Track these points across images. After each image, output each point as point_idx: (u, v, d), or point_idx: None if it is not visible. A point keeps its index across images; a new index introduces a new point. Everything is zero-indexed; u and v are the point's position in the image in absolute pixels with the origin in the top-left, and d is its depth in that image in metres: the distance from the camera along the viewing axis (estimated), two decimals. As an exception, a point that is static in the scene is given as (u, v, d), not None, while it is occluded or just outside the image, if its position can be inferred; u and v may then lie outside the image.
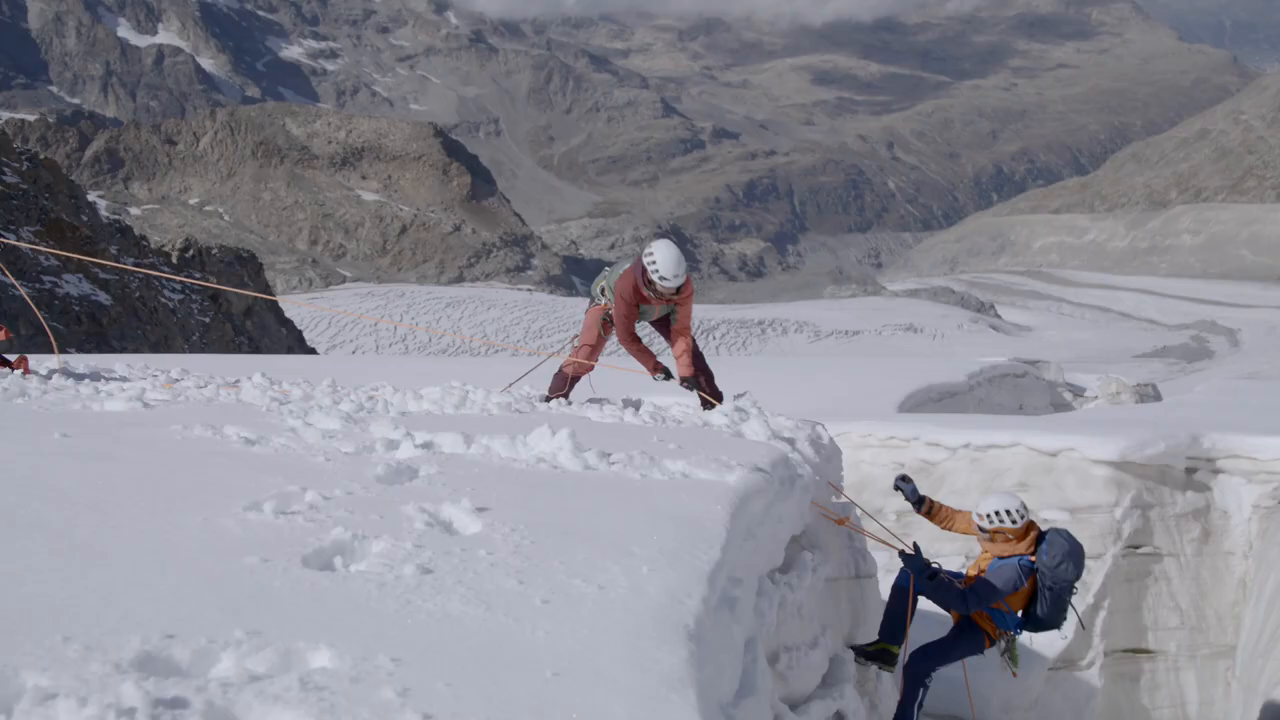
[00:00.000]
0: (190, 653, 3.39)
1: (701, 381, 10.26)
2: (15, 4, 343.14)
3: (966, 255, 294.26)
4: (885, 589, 9.80)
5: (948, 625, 9.69)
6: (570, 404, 10.08)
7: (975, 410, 26.06)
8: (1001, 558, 9.18)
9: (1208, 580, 15.58)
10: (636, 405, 9.83)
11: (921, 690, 9.38)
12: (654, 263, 9.71)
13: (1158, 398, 40.97)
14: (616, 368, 11.53)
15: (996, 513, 9.16)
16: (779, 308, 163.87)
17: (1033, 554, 9.16)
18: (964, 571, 9.60)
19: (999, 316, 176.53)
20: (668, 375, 10.22)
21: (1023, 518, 9.18)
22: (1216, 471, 15.95)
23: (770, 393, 10.40)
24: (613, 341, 10.53)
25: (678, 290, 9.94)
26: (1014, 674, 9.73)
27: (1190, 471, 15.97)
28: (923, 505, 9.77)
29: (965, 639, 9.39)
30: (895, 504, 14.32)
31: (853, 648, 9.18)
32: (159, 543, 4.42)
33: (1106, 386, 40.31)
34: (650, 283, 9.80)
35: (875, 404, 21.25)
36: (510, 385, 11.22)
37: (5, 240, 11.63)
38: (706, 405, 10.11)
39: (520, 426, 7.51)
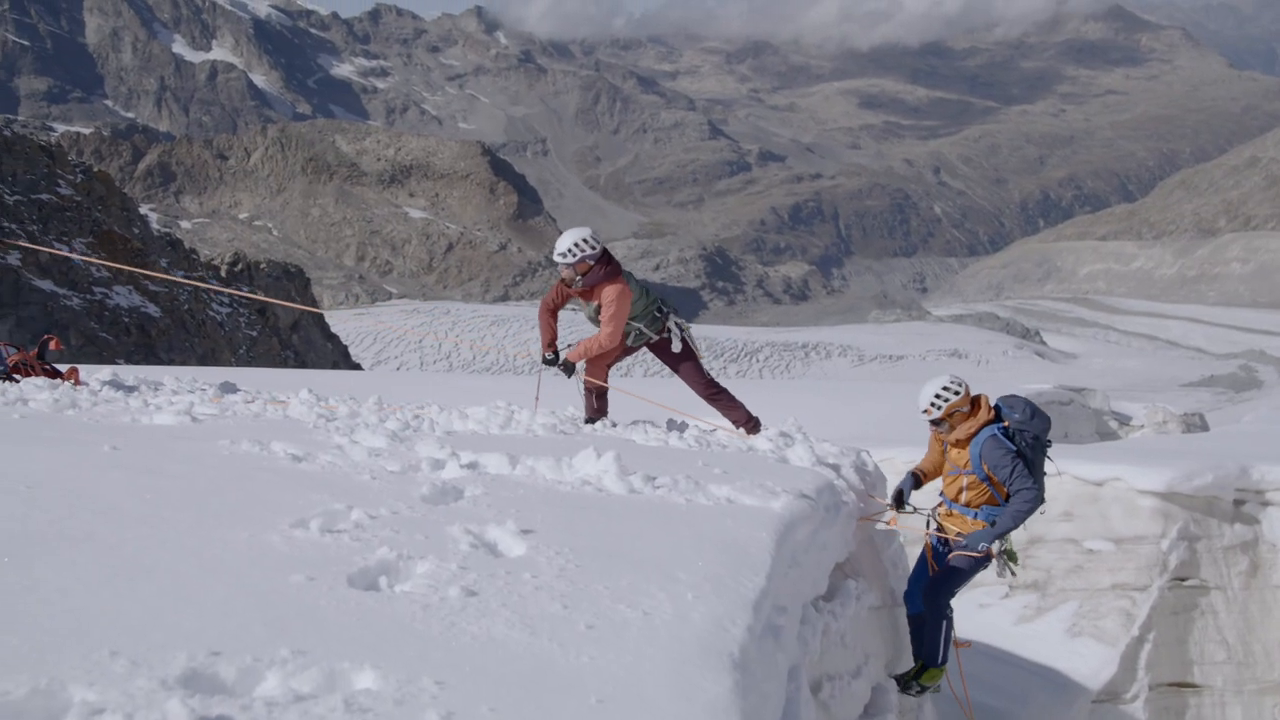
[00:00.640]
0: (235, 670, 3.39)
1: (572, 367, 10.18)
2: (73, 19, 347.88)
3: (1012, 281, 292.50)
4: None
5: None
6: (614, 425, 10.05)
7: (1020, 438, 25.85)
8: (966, 442, 8.83)
9: (1255, 614, 15.37)
10: (682, 428, 9.79)
11: (945, 623, 9.16)
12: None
13: (1205, 428, 40.51)
14: (636, 396, 11.50)
15: (938, 395, 8.85)
16: (823, 331, 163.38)
17: (996, 420, 8.80)
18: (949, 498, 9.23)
19: (1044, 343, 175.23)
20: (553, 360, 10.19)
21: (961, 385, 8.88)
22: (1265, 504, 15.75)
23: (814, 417, 10.35)
24: (651, 364, 10.47)
25: (585, 278, 9.83)
26: (1014, 573, 9.26)
27: (1238, 503, 15.78)
28: (913, 482, 9.38)
29: (968, 559, 9.11)
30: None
31: (898, 679, 9.09)
32: (206, 558, 4.44)
33: (1153, 415, 39.89)
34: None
35: (919, 430, 21.11)
36: (536, 399, 11.11)
37: (60, 252, 11.78)
38: (746, 429, 10.05)
39: (565, 448, 7.49)
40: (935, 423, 8.96)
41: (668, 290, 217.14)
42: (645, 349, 10.38)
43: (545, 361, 10.21)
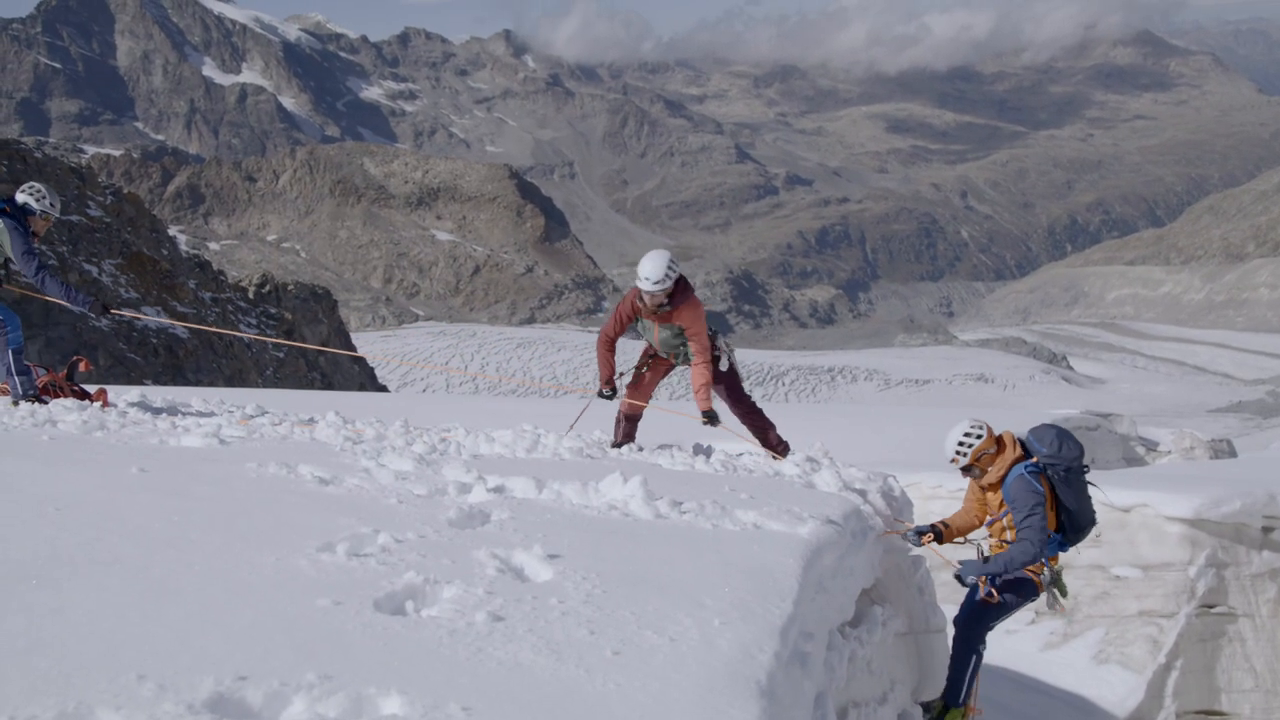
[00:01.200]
0: (262, 695, 3.40)
1: (717, 416, 9.92)
2: (105, 42, 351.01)
3: (1039, 306, 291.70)
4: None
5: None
6: (640, 449, 10.02)
7: (1048, 464, 25.75)
8: (998, 485, 8.77)
9: (1284, 642, 15.26)
10: (708, 453, 9.76)
11: (974, 658, 9.06)
12: (639, 268, 9.54)
13: (1233, 454, 40.30)
14: (672, 412, 11.48)
15: (961, 442, 8.77)
16: (849, 355, 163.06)
17: (1025, 457, 8.69)
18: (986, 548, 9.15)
19: (1071, 368, 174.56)
20: (611, 395, 9.99)
21: (983, 428, 8.78)
22: (1294, 532, 15.64)
23: (840, 441, 10.32)
24: (676, 386, 10.42)
25: (670, 303, 9.65)
26: (1061, 608, 9.15)
27: (1267, 530, 15.67)
28: (937, 534, 9.16)
29: (1011, 587, 9.01)
30: (962, 552, 14.11)
31: (923, 705, 9.02)
32: (233, 581, 4.45)
33: (1180, 441, 39.71)
34: (641, 293, 9.62)
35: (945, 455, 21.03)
36: (570, 429, 11.11)
37: (120, 313, 11.76)
38: (774, 451, 10.02)
39: (592, 473, 7.49)
40: (965, 469, 8.91)
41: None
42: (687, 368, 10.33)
43: (602, 396, 10.03)
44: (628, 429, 10.48)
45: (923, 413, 47.05)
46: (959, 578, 8.68)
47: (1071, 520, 8.79)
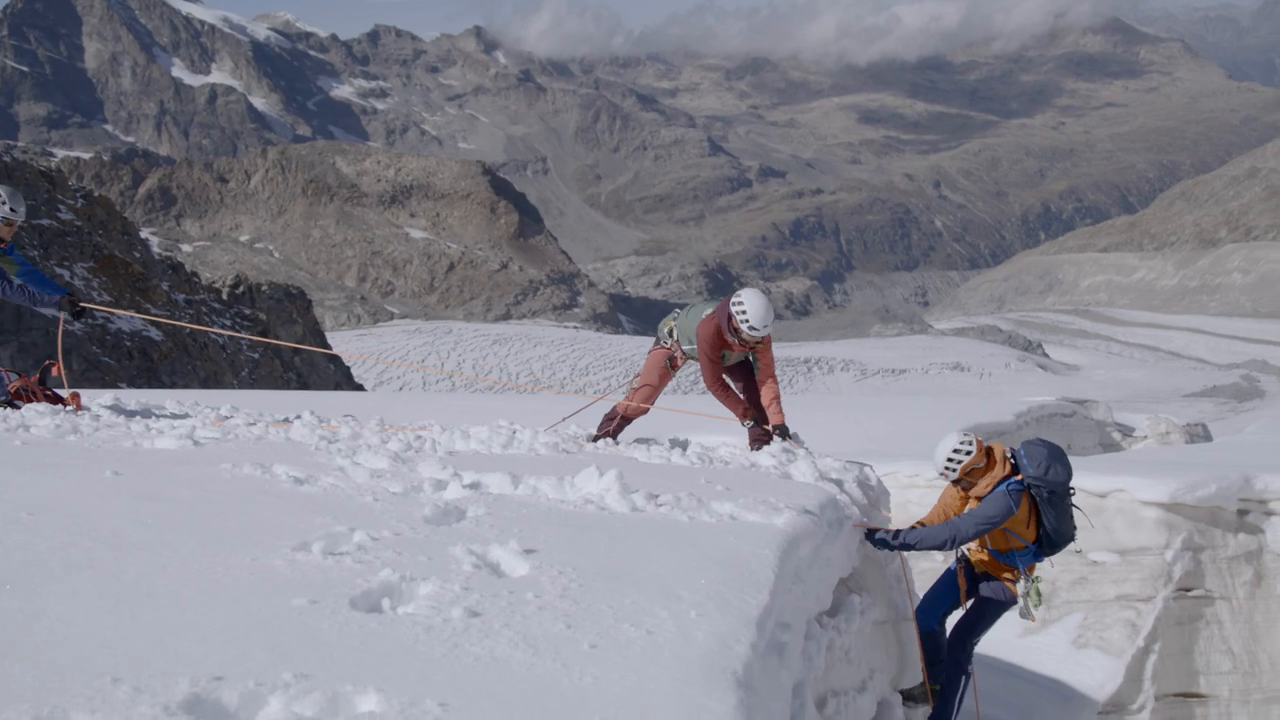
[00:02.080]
0: (238, 695, 3.39)
1: (789, 431, 10.04)
2: (72, 45, 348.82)
3: (1014, 294, 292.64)
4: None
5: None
6: (618, 444, 10.03)
7: (1024, 451, 25.82)
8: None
9: (1261, 624, 15.35)
10: (684, 445, 9.78)
11: (964, 679, 9.11)
12: (744, 312, 9.57)
13: (1208, 438, 40.52)
14: (678, 411, 11.48)
15: (950, 458, 8.85)
16: (825, 346, 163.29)
17: (1014, 474, 8.77)
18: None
19: (1047, 355, 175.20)
20: (758, 421, 10.03)
21: (973, 442, 8.83)
22: (1269, 513, 15.74)
23: (816, 432, 10.34)
24: (683, 381, 10.45)
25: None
26: (1033, 618, 9.21)
27: (1242, 513, 15.77)
28: (904, 535, 9.31)
29: (994, 590, 9.02)
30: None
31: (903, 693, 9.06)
32: (208, 583, 4.43)
33: (1156, 426, 39.91)
34: (736, 330, 9.68)
35: (922, 443, 21.14)
36: (556, 425, 11.16)
37: (91, 307, 11.68)
38: (756, 444, 10.03)
39: (568, 467, 7.49)
40: (955, 483, 8.97)
41: (670, 308, 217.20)
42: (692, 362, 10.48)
43: (753, 425, 10.07)
44: (619, 426, 10.51)
45: (900, 402, 47.16)
46: (873, 541, 8.59)
47: (1049, 537, 8.85)
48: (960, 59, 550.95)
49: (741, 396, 10.24)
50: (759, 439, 9.94)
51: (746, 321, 9.57)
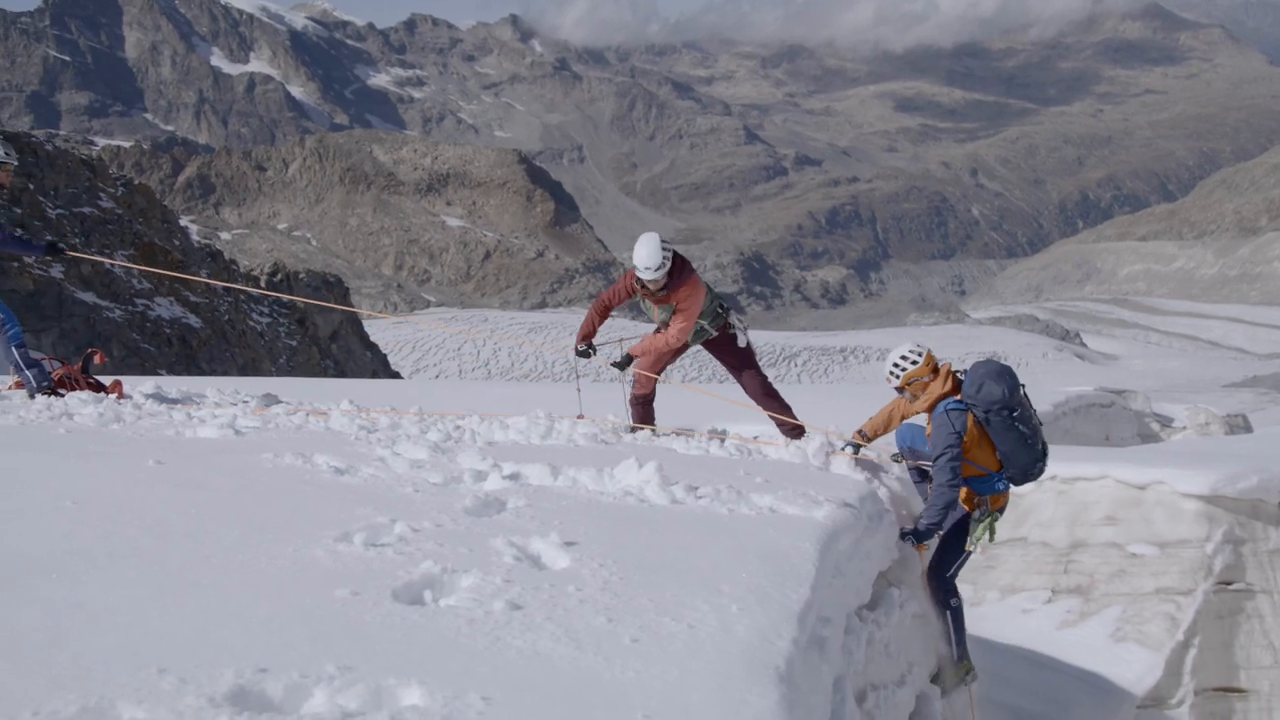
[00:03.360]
0: (283, 687, 3.40)
1: (626, 365, 9.98)
2: (113, 34, 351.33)
3: (1051, 283, 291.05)
4: (969, 622, 9.54)
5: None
6: (657, 434, 9.99)
7: (1061, 441, 25.68)
8: (931, 411, 8.68)
9: (1302, 618, 15.21)
10: (722, 437, 9.75)
11: (950, 613, 8.96)
12: (634, 254, 9.46)
13: (1249, 429, 40.21)
14: (701, 391, 11.45)
15: (896, 364, 8.71)
16: (861, 335, 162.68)
17: (956, 394, 8.56)
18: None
19: (1084, 345, 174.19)
20: (585, 353, 9.91)
21: (921, 354, 8.69)
22: (1312, 506, 15.57)
23: (853, 422, 10.26)
24: (689, 369, 10.32)
25: (666, 288, 9.57)
26: (979, 549, 8.91)
27: (1284, 506, 15.61)
28: (862, 437, 9.12)
29: (954, 529, 8.91)
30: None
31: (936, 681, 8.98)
32: (251, 573, 4.45)
33: (1195, 417, 39.63)
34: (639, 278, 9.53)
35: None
36: (581, 413, 11.02)
37: (72, 254, 11.79)
38: (791, 434, 9.99)
39: (607, 458, 7.47)
40: (898, 390, 8.86)
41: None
42: (703, 349, 10.29)
43: (579, 353, 9.98)
44: (644, 412, 10.44)
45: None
46: (903, 539, 8.55)
47: (1007, 460, 8.60)
48: (998, 46, 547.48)
49: (742, 387, 10.24)
50: (789, 431, 9.92)
51: (635, 264, 9.42)
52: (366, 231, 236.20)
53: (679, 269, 9.61)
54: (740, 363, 10.17)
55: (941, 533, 8.72)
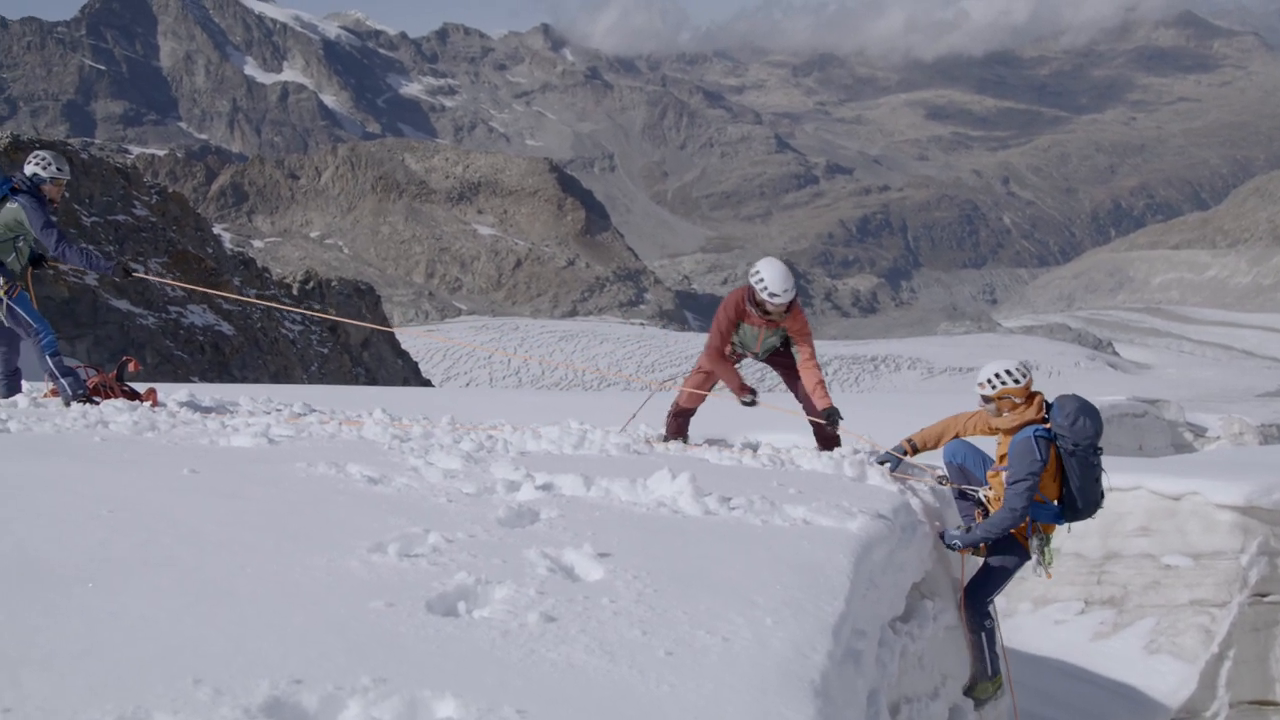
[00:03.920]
0: (318, 699, 3.39)
1: (839, 412, 9.89)
2: (148, 44, 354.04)
3: (1083, 291, 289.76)
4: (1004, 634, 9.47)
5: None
6: (687, 446, 9.99)
7: (1095, 451, 25.48)
8: (1011, 433, 8.62)
9: (1340, 632, 15.07)
10: (755, 447, 9.73)
11: (984, 633, 8.88)
12: (761, 279, 9.53)
13: (1284, 439, 39.88)
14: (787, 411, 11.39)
15: (997, 374, 8.60)
16: (892, 344, 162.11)
17: (1044, 421, 8.50)
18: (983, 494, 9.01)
19: (1117, 354, 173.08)
20: (753, 401, 9.84)
21: (1025, 376, 8.62)
22: (1349, 518, 15.42)
23: (884, 432, 10.23)
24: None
25: (787, 311, 9.73)
26: (1048, 575, 8.89)
27: (1321, 518, 15.47)
28: (910, 446, 9.13)
29: (1001, 552, 8.73)
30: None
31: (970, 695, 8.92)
32: (286, 583, 4.46)
33: (1229, 427, 39.36)
34: (759, 302, 9.63)
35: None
36: (626, 425, 11.14)
37: (140, 275, 11.92)
38: (826, 445, 9.97)
39: (640, 469, 7.46)
40: (985, 399, 8.81)
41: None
42: (757, 361, 10.38)
43: (747, 404, 9.84)
44: (681, 425, 10.47)
45: (968, 401, 46.71)
46: (946, 544, 8.52)
47: (1072, 498, 8.55)
48: (1029, 54, 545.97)
49: (794, 394, 10.21)
50: (825, 440, 9.89)
51: (765, 288, 9.50)
52: (398, 240, 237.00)
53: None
54: (796, 375, 10.23)
55: (984, 556, 8.69)
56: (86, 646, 3.63)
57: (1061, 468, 8.50)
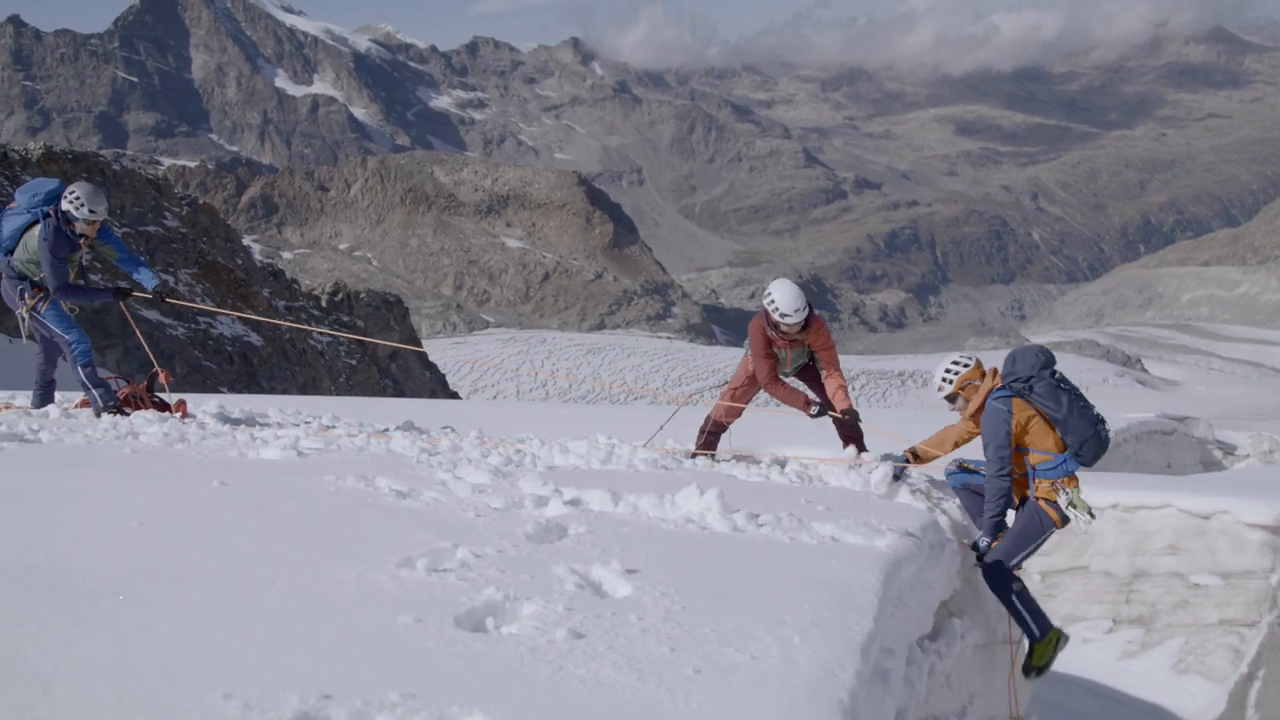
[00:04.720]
0: (346, 714, 3.39)
1: (858, 414, 10.08)
2: (180, 56, 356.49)
3: (1112, 308, 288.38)
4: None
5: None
6: (716, 461, 9.99)
7: (1122, 468, 25.40)
8: (977, 419, 8.58)
9: (1370, 653, 14.93)
10: (783, 463, 9.72)
11: (1015, 596, 8.65)
12: (773, 301, 9.70)
13: (1315, 458, 39.55)
14: (769, 410, 11.42)
15: (948, 370, 8.74)
16: (920, 359, 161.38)
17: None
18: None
19: (1146, 371, 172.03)
20: (822, 410, 10.01)
21: (971, 359, 8.72)
22: (1380, 538, 15.30)
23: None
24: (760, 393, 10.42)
25: (805, 328, 9.86)
26: (1090, 519, 8.63)
27: (1352, 538, 15.34)
28: (913, 455, 9.13)
29: (1027, 515, 8.50)
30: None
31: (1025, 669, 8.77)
32: (315, 597, 4.46)
33: (1259, 444, 39.05)
34: (775, 324, 9.77)
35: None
36: (650, 439, 11.16)
37: (176, 301, 12.03)
38: (848, 440, 10.01)
39: (667, 484, 7.45)
40: (950, 399, 8.79)
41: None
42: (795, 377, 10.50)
43: (815, 415, 10.08)
44: (712, 440, 10.51)
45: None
46: (977, 554, 8.43)
47: (1066, 430, 8.31)
48: (1059, 69, 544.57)
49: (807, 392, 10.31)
50: (848, 437, 9.92)
51: (777, 309, 9.67)
52: (427, 252, 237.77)
53: (810, 311, 10.01)
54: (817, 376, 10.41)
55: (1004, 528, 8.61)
56: (117, 659, 3.64)
57: (1044, 416, 8.38)
